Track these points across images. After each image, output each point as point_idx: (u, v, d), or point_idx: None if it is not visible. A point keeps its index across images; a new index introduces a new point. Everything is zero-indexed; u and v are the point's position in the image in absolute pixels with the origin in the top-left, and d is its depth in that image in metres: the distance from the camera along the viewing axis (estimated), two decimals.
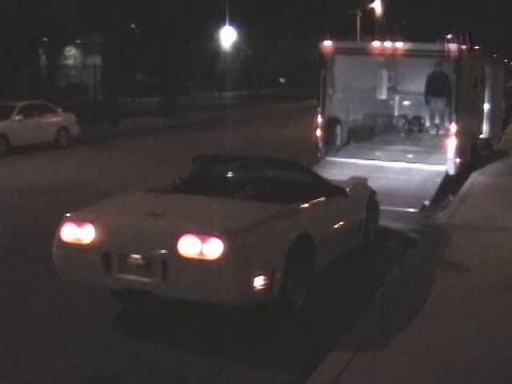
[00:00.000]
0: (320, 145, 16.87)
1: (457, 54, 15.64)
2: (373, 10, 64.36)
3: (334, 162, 16.49)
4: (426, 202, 13.73)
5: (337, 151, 17.41)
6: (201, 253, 6.71)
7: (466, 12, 63.90)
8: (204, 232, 6.81)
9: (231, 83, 54.46)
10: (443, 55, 16.34)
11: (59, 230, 7.48)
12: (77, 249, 7.36)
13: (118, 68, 35.73)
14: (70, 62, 51.77)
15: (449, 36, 18.90)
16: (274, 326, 7.47)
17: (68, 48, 50.83)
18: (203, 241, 6.71)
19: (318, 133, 16.88)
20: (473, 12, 64.83)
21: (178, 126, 34.94)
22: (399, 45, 16.64)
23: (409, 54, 16.82)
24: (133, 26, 48.52)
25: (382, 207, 11.36)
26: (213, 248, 6.67)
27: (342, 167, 15.72)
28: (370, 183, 11.32)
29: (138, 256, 7.04)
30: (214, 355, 6.74)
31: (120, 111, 34.73)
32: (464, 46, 15.99)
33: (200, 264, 6.73)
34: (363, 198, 10.50)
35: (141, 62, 46.75)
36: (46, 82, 40.88)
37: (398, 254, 10.28)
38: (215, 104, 48.18)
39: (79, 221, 7.41)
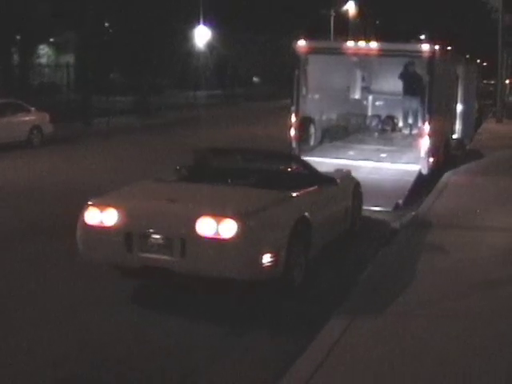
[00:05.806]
0: (294, 144, 16.86)
1: (430, 54, 15.75)
2: (347, 10, 64.66)
3: (308, 161, 16.46)
4: (400, 201, 13.80)
5: (311, 150, 17.42)
6: (216, 232, 7.50)
7: (439, 13, 64.27)
8: (219, 214, 7.59)
9: (205, 82, 54.36)
10: (416, 55, 16.45)
11: (83, 215, 8.09)
12: (100, 231, 8.06)
13: (91, 67, 35.52)
14: (44, 60, 51.38)
15: (422, 36, 19.07)
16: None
17: (41, 46, 50.51)
18: (218, 222, 7.49)
19: (292, 132, 16.88)
20: (446, 13, 65.20)
21: (152, 125, 34.77)
22: (373, 45, 16.71)
23: (382, 53, 16.89)
24: (107, 24, 48.33)
25: None
26: (227, 228, 7.45)
27: (316, 166, 15.68)
28: None
29: (158, 236, 7.75)
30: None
31: (94, 110, 34.50)
32: (437, 46, 16.07)
33: (215, 242, 7.52)
34: (349, 187, 11.43)
35: (115, 60, 46.56)
36: (18, 81, 40.57)
37: (370, 253, 10.34)
38: (189, 103, 48.02)
39: (102, 205, 8.07)
